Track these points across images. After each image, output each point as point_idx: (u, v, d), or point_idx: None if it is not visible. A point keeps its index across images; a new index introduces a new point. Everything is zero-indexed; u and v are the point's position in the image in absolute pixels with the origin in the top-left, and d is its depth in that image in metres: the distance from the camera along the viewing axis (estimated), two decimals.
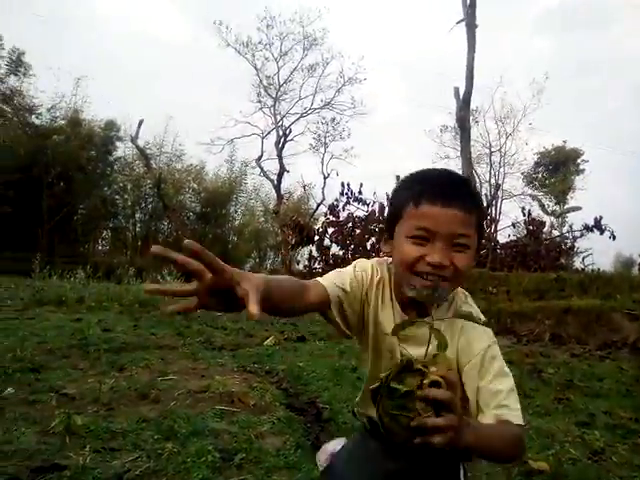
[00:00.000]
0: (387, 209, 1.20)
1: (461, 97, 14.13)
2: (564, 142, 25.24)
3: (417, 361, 0.79)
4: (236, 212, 22.77)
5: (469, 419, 0.90)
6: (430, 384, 0.76)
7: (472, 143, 15.99)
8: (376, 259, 1.18)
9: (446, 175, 1.07)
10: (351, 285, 1.08)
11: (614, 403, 3.73)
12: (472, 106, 15.95)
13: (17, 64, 18.55)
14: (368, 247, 12.89)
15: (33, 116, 19.13)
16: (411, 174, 1.11)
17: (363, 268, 1.13)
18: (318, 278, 1.09)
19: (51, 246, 17.23)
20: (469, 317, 0.95)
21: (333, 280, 1.08)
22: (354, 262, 1.16)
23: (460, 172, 14.33)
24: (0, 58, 18.25)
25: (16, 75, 18.61)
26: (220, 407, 2.98)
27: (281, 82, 21.55)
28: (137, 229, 20.93)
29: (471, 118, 15.91)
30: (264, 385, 3.53)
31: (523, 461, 2.38)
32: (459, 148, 15.52)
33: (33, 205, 17.71)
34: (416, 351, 0.94)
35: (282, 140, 21.06)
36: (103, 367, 3.83)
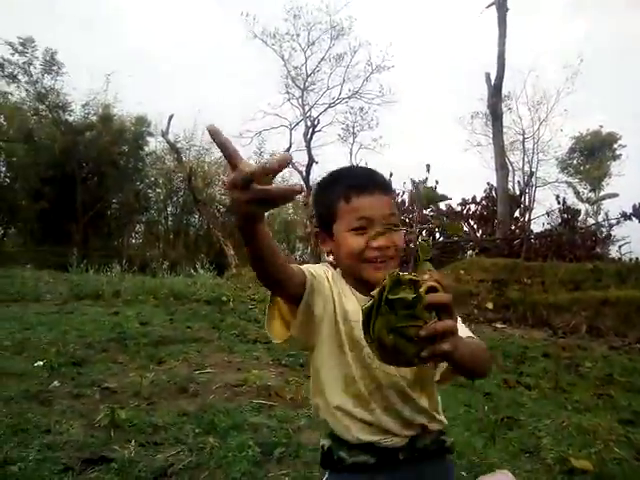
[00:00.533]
0: (317, 208, 1.22)
1: (492, 83, 13.83)
2: (600, 127, 24.51)
3: (405, 275, 0.76)
4: None
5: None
6: (428, 290, 0.75)
7: (504, 130, 15.65)
8: (320, 264, 1.21)
9: (359, 169, 1.21)
10: (319, 280, 1.10)
11: None
12: (504, 92, 15.62)
13: (51, 63, 19.00)
14: None
15: (66, 113, 19.59)
16: (326, 178, 1.22)
17: (319, 267, 1.16)
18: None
19: (86, 240, 17.70)
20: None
21: (307, 268, 1.10)
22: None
23: (492, 160, 14.10)
24: (35, 59, 18.71)
25: (50, 74, 19.08)
26: (258, 401, 3.03)
27: (309, 72, 21.50)
28: (169, 223, 21.31)
29: (503, 104, 15.55)
30: (299, 379, 3.57)
31: (564, 459, 2.36)
32: (491, 135, 15.23)
33: (68, 200, 18.20)
34: None
35: (310, 131, 21.04)
36: (142, 361, 3.92)
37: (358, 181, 1.13)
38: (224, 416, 2.73)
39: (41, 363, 3.74)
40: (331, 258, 1.19)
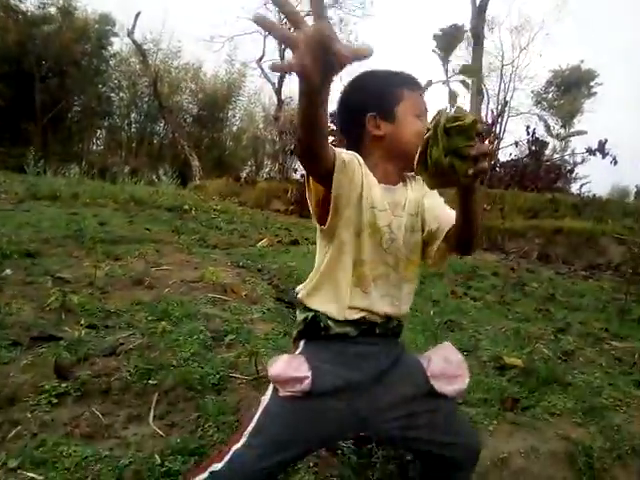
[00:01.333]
0: (373, 92, 1.22)
1: (477, 3, 13.34)
2: (581, 61, 24.27)
3: (450, 114, 0.93)
4: (234, 117, 22.23)
5: None
6: (471, 123, 0.92)
7: (484, 54, 15.29)
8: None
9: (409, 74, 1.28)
10: (350, 163, 1.10)
11: (590, 316, 3.88)
12: (488, 15, 15.10)
13: None
14: None
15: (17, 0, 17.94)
16: (386, 70, 1.28)
17: (352, 154, 1.15)
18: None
19: (44, 143, 16.93)
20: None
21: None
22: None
23: (469, 84, 13.85)
24: None
25: None
26: (213, 295, 3.08)
27: None
28: (132, 129, 20.48)
29: (486, 27, 15.08)
30: (256, 280, 3.63)
31: (498, 357, 2.52)
32: (471, 59, 14.89)
33: (26, 99, 17.16)
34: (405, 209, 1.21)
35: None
36: (98, 256, 3.89)
37: (415, 80, 1.27)
38: (178, 306, 2.78)
39: None
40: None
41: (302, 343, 1.20)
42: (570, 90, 24.40)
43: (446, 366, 1.21)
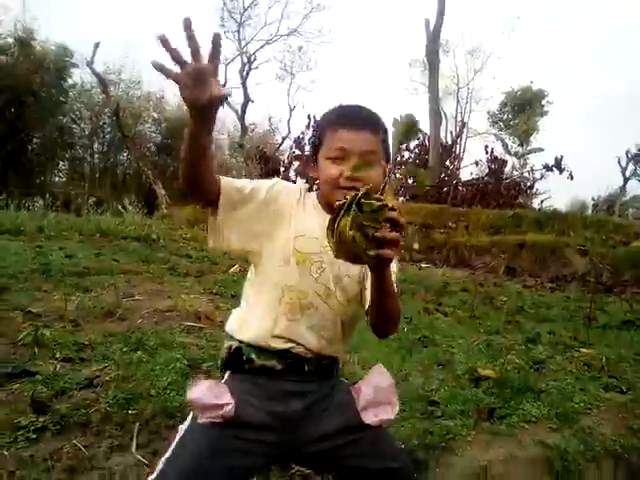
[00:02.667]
0: (313, 134, 1.35)
1: (431, 29, 13.85)
2: (531, 82, 25.33)
3: (373, 194, 0.93)
4: None
5: None
6: (389, 209, 0.91)
7: (440, 78, 15.83)
8: (298, 183, 1.35)
9: (356, 106, 1.26)
10: (267, 193, 1.19)
11: (559, 326, 4.02)
12: (442, 39, 15.68)
13: None
14: None
15: None
16: (328, 110, 1.29)
17: (284, 187, 1.24)
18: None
19: (4, 176, 16.50)
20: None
21: (234, 182, 1.17)
22: (274, 179, 1.25)
23: (427, 107, 14.28)
24: None
25: None
26: (188, 323, 3.06)
27: (245, 6, 20.53)
28: (95, 160, 20.18)
29: (441, 51, 15.64)
30: (230, 305, 3.62)
31: (472, 369, 2.59)
32: (427, 83, 15.38)
33: None
34: None
35: (246, 68, 20.34)
36: (67, 289, 3.82)
37: (348, 115, 1.22)
38: (153, 336, 2.75)
39: None
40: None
41: (227, 375, 1.20)
42: (523, 110, 25.36)
43: (376, 395, 1.20)
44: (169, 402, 1.95)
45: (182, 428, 1.15)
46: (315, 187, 1.30)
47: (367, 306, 1.13)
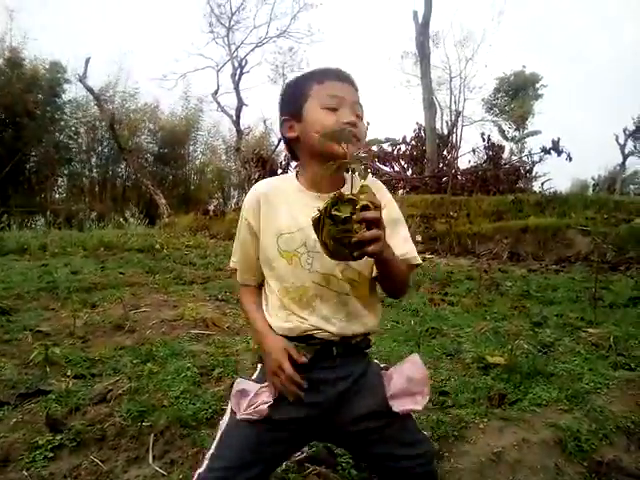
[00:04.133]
0: (286, 96, 1.27)
1: (420, 21, 13.82)
2: (523, 67, 25.27)
3: (346, 195, 0.96)
4: (195, 151, 22.24)
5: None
6: (361, 208, 0.94)
7: (432, 68, 15.79)
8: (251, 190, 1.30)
9: (334, 67, 1.26)
10: (251, 243, 1.24)
11: (565, 307, 4.01)
12: (432, 31, 15.65)
13: None
14: None
15: None
16: (306, 72, 1.28)
17: (247, 206, 1.25)
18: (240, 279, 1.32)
19: (5, 197, 16.58)
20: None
21: (242, 273, 1.30)
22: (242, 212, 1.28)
23: (421, 98, 14.26)
24: None
25: None
26: (195, 331, 3.08)
27: (233, 10, 20.51)
28: (94, 174, 20.25)
29: (431, 43, 15.59)
30: (236, 310, 3.65)
31: (481, 357, 2.60)
32: (419, 74, 15.35)
33: None
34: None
35: (238, 72, 20.30)
36: (75, 306, 3.84)
37: (333, 70, 1.23)
38: (162, 346, 2.78)
39: None
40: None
41: (259, 367, 1.25)
42: (518, 94, 25.30)
43: (408, 386, 1.19)
44: (182, 411, 1.97)
45: (222, 424, 1.20)
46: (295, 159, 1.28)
47: (375, 274, 1.17)
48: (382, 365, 1.28)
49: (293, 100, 1.22)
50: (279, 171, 11.54)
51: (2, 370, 2.46)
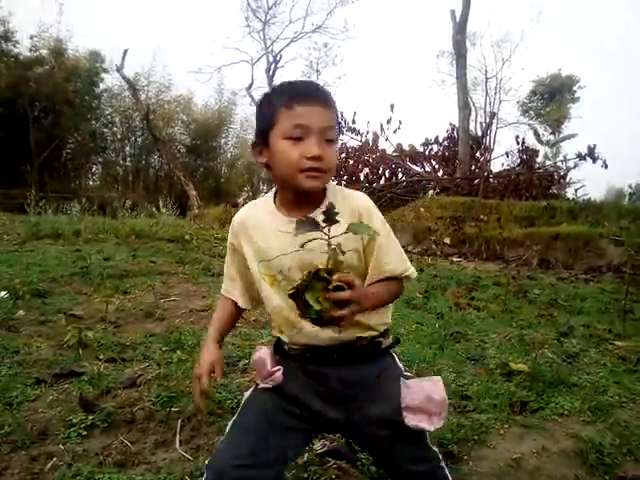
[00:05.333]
0: (256, 119, 1.23)
1: (457, 20, 13.67)
2: (559, 70, 24.73)
3: (322, 270, 0.97)
4: (227, 144, 22.48)
5: (366, 290, 1.12)
6: (334, 288, 0.96)
7: (468, 69, 15.58)
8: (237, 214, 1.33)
9: (306, 81, 1.23)
10: (238, 265, 1.29)
11: (593, 318, 3.96)
12: (469, 30, 15.44)
13: None
14: (362, 177, 12.84)
15: (10, 44, 18.29)
16: (275, 87, 1.24)
17: (230, 235, 1.30)
18: (223, 290, 1.36)
19: (42, 182, 17.05)
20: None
21: (226, 286, 1.34)
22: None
23: (456, 98, 14.12)
24: None
25: None
26: None
27: (270, 5, 20.64)
28: (127, 163, 20.68)
29: (468, 42, 15.38)
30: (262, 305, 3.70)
31: (504, 364, 2.60)
32: (455, 74, 15.18)
33: (21, 140, 17.36)
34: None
35: (273, 67, 20.47)
36: (107, 291, 3.97)
37: (302, 89, 1.16)
38: (190, 335, 2.85)
39: (4, 294, 3.75)
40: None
41: (277, 357, 1.28)
42: (554, 97, 24.76)
43: (426, 404, 1.16)
44: (209, 399, 2.03)
45: (245, 395, 1.27)
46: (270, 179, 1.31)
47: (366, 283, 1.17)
48: (405, 372, 1.26)
49: (261, 125, 1.18)
50: None
51: (39, 350, 2.57)
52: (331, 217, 0.98)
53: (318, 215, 1.00)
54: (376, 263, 1.17)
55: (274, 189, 1.26)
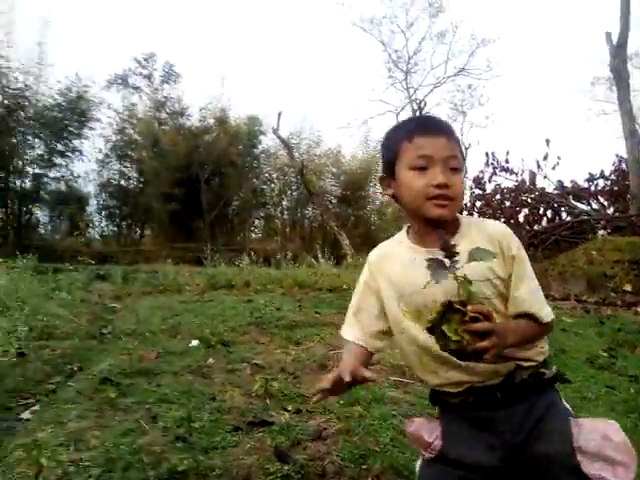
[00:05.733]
0: (381, 154, 1.29)
1: (614, 42, 12.61)
2: None
3: (455, 302, 0.99)
4: (375, 193, 23.03)
5: (507, 324, 1.08)
6: (470, 319, 0.97)
7: (632, 93, 14.16)
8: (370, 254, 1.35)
9: (426, 115, 1.35)
10: (368, 300, 1.30)
11: None
12: (629, 51, 14.07)
13: (169, 75, 20.80)
14: (521, 219, 12.17)
15: (184, 118, 21.20)
16: (398, 122, 1.33)
17: (366, 271, 1.33)
18: (345, 333, 1.35)
19: (213, 236, 19.06)
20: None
21: (352, 329, 1.34)
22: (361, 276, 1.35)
23: (621, 127, 12.85)
24: (154, 71, 20.60)
25: (168, 84, 20.90)
26: (394, 378, 3.19)
27: (410, 54, 21.16)
28: (285, 216, 22.21)
29: (629, 65, 14.01)
30: None
31: None
32: (616, 101, 13.90)
33: (194, 201, 19.73)
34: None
35: (417, 114, 20.71)
36: (281, 341, 4.26)
37: (423, 123, 1.24)
38: (364, 390, 2.92)
39: (195, 343, 4.23)
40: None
41: (437, 409, 1.27)
42: None
43: (604, 444, 1.04)
44: (394, 459, 2.06)
45: (416, 468, 1.27)
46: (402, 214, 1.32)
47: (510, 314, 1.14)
48: (570, 412, 1.18)
49: (387, 159, 1.24)
50: (464, 213, 11.36)
51: (233, 398, 2.84)
52: (449, 250, 1.02)
53: (438, 253, 1.05)
54: (512, 295, 1.14)
55: (407, 224, 1.30)
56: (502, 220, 11.93)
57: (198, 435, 2.31)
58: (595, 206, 12.85)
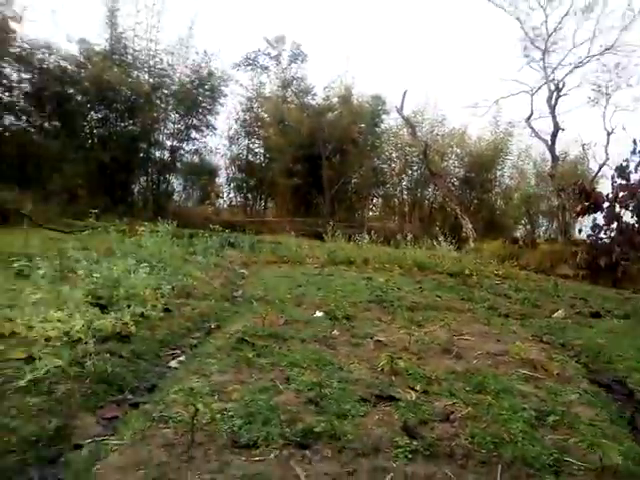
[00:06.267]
0: None
1: None
2: None
3: None
4: (502, 176, 21.87)
5: None
6: None
7: None
8: None
9: None
10: None
11: None
12: None
13: (296, 55, 21.32)
14: None
15: (309, 97, 21.65)
16: None
17: None
18: None
19: (332, 212, 19.46)
20: None
21: None
22: None
23: None
24: (283, 51, 21.22)
25: (295, 63, 21.48)
26: (523, 371, 3.10)
27: (550, 32, 19.44)
28: (404, 196, 21.96)
29: None
30: (563, 357, 3.51)
31: None
32: None
33: (315, 177, 20.23)
34: None
35: (555, 95, 19.13)
36: (402, 322, 4.31)
37: None
38: (492, 380, 2.88)
39: (320, 314, 4.43)
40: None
41: None
42: None
43: None
44: (525, 450, 2.03)
45: None
46: None
47: None
48: None
49: None
50: (605, 204, 10.39)
51: (359, 371, 2.95)
52: None
53: None
54: None
55: None
56: None
57: (329, 400, 2.45)
58: None
